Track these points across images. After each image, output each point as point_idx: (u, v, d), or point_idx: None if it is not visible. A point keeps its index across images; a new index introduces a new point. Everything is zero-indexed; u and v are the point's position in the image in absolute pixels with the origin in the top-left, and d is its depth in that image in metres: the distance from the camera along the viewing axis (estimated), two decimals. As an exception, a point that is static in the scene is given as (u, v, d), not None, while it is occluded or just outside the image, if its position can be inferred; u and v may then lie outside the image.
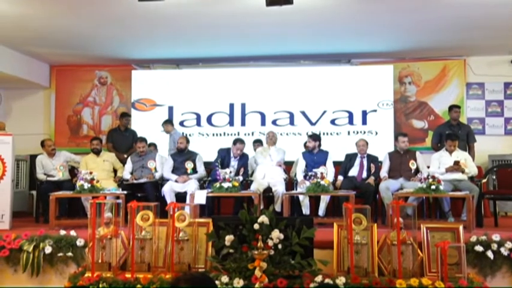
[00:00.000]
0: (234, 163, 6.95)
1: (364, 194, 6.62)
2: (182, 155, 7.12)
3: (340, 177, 6.96)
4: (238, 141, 7.11)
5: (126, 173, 7.22)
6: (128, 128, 8.45)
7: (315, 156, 6.99)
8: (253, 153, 7.56)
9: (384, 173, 6.84)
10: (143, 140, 7.35)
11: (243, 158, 7.07)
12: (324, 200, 6.64)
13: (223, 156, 7.02)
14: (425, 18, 6.73)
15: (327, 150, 7.16)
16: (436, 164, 6.64)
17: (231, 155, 7.04)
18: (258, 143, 7.87)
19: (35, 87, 9.17)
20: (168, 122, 8.22)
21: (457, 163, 6.41)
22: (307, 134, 7.99)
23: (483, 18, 6.63)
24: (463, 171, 6.41)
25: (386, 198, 6.36)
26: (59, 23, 6.85)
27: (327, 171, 6.53)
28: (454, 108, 7.66)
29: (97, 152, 7.41)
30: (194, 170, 6.96)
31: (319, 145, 7.09)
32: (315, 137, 7.12)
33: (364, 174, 6.95)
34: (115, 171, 7.48)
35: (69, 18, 6.66)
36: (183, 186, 6.77)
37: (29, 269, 5.24)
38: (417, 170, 6.55)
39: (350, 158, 7.14)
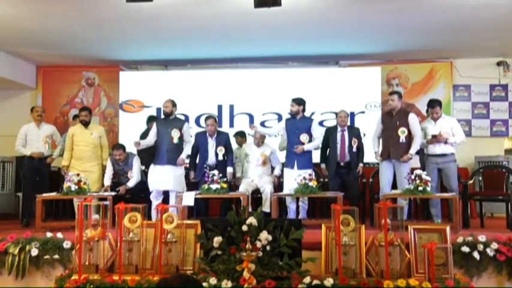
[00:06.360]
0: (212, 143, 6.82)
1: (349, 194, 6.59)
2: (168, 122, 6.67)
3: (323, 166, 6.88)
4: (206, 119, 6.99)
5: (107, 178, 6.91)
6: None
7: (298, 122, 6.60)
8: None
9: (375, 147, 6.55)
10: (120, 147, 6.95)
11: (220, 136, 6.90)
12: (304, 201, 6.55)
13: (200, 139, 6.91)
14: (412, 20, 6.79)
15: (312, 117, 6.81)
16: (423, 135, 6.49)
17: (207, 135, 6.91)
18: (239, 136, 7.79)
19: (21, 88, 9.08)
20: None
21: (435, 136, 6.33)
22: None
23: (470, 20, 6.69)
24: (445, 142, 6.35)
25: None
26: (46, 24, 6.80)
27: (309, 139, 6.45)
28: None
29: (85, 124, 6.99)
30: (180, 140, 6.57)
31: (303, 110, 6.63)
32: (299, 101, 6.59)
33: (347, 152, 6.75)
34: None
35: (56, 18, 6.61)
36: (166, 185, 6.55)
37: (14, 272, 5.16)
38: (408, 144, 6.28)
39: (331, 132, 6.90)
